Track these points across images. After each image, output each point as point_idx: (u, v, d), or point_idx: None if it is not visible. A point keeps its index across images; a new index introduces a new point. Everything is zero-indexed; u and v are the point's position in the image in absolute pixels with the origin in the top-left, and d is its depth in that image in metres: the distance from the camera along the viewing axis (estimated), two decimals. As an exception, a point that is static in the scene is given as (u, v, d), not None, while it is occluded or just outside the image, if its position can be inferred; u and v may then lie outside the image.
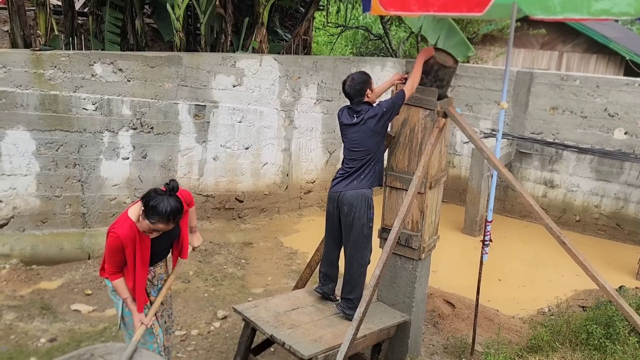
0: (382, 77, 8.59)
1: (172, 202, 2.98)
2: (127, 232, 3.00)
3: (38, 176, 5.73)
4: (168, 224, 2.99)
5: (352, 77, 3.87)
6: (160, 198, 2.96)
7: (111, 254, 3.05)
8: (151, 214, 2.94)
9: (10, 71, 5.36)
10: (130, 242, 3.02)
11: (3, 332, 4.26)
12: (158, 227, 2.99)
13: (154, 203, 2.94)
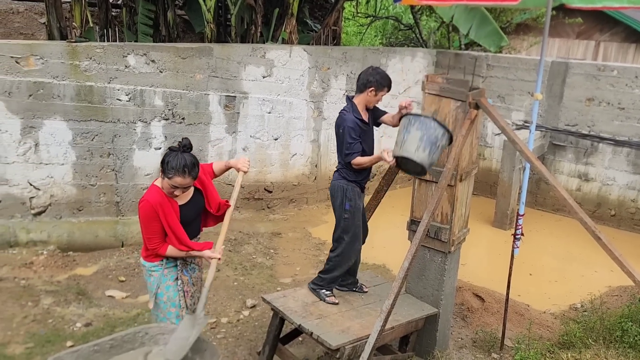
0: (412, 67, 8.51)
1: (185, 157, 3.11)
2: (155, 197, 3.13)
3: (74, 165, 5.88)
4: (184, 177, 3.08)
5: (373, 68, 3.94)
6: (174, 154, 3.11)
7: (148, 223, 3.15)
8: (167, 170, 3.08)
9: (48, 62, 5.50)
10: (161, 206, 3.13)
11: (41, 316, 4.41)
12: (176, 182, 3.08)
13: (168, 159, 3.09)
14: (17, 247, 5.51)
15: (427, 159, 3.48)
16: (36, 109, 5.55)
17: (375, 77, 3.86)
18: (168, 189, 3.14)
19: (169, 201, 3.19)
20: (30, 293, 4.73)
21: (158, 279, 3.33)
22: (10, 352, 3.90)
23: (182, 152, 3.14)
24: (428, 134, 3.46)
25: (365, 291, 4.19)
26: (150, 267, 3.33)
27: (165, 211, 3.16)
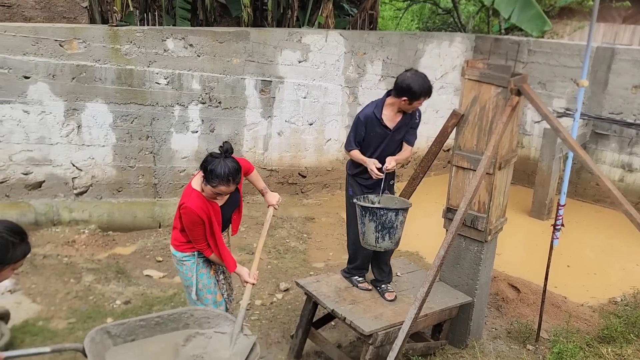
0: (450, 53, 8.34)
1: (229, 164, 3.06)
2: (198, 203, 3.12)
3: (114, 147, 6.03)
4: (229, 185, 3.07)
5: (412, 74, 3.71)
6: (217, 161, 3.05)
7: (193, 228, 3.17)
8: (211, 178, 3.03)
9: (90, 46, 5.62)
10: (204, 212, 3.14)
11: (83, 293, 4.57)
12: (220, 190, 3.07)
13: (212, 167, 3.03)
14: (60, 225, 5.70)
15: (391, 244, 3.60)
16: (79, 91, 5.69)
17: (410, 86, 3.64)
18: (210, 194, 3.13)
19: (211, 204, 3.18)
20: (73, 270, 4.90)
21: (190, 268, 3.37)
22: (54, 327, 4.06)
23: (224, 158, 3.09)
24: (381, 222, 3.49)
25: (369, 289, 4.03)
26: (182, 257, 3.38)
27: (209, 216, 3.17)
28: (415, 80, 3.64)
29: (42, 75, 5.48)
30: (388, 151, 3.87)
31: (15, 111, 5.47)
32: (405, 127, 3.89)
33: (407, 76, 3.69)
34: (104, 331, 2.83)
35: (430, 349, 4.06)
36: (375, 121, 3.80)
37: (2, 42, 5.24)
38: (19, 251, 2.23)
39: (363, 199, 3.75)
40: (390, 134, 3.84)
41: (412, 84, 3.63)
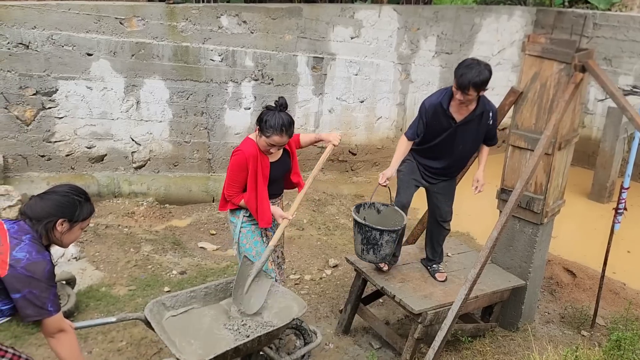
0: (508, 27, 8.03)
1: (282, 116, 3.22)
2: (250, 150, 3.27)
3: (170, 122, 6.21)
4: (282, 136, 3.20)
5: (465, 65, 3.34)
6: (272, 113, 3.21)
7: (235, 172, 3.30)
8: (265, 128, 3.18)
9: (148, 23, 5.77)
10: (253, 159, 3.26)
11: (142, 262, 4.79)
12: (274, 140, 3.20)
13: (267, 118, 3.20)
14: (120, 197, 5.97)
15: (375, 258, 3.53)
16: (138, 68, 5.87)
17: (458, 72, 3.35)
18: (264, 146, 3.25)
19: (262, 156, 3.30)
20: (132, 240, 5.13)
21: (250, 233, 3.46)
22: (115, 293, 4.29)
23: (279, 111, 3.23)
24: (366, 237, 3.45)
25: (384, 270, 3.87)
26: (234, 219, 3.47)
27: (257, 165, 3.28)
28: (464, 67, 3.31)
29: (104, 52, 5.68)
30: (446, 147, 3.62)
31: (80, 87, 5.72)
32: (474, 126, 3.54)
33: (461, 62, 3.40)
34: (160, 303, 2.99)
35: (479, 330, 4.02)
36: (441, 110, 3.51)
37: (66, 19, 5.46)
38: (85, 210, 2.36)
39: (364, 207, 3.68)
40: (454, 127, 3.53)
41: (460, 69, 3.32)
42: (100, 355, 3.52)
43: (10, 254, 2.15)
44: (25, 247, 2.18)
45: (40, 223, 2.25)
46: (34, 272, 2.15)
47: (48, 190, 2.35)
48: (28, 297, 2.15)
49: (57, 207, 2.27)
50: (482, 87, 3.32)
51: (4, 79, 5.40)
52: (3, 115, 5.51)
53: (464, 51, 7.73)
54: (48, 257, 2.23)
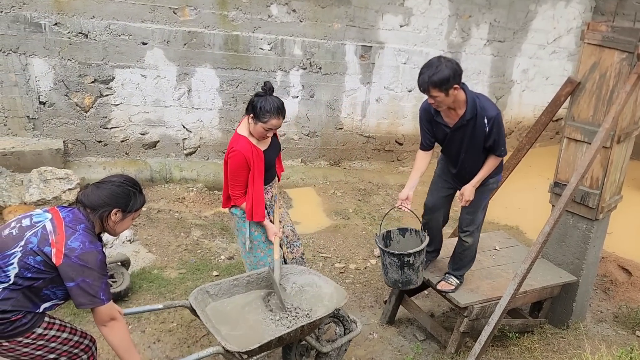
0: (566, 14, 7.72)
1: (275, 99, 3.22)
2: (245, 146, 3.25)
3: (220, 110, 6.33)
4: (279, 118, 3.22)
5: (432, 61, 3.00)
6: (263, 98, 3.20)
7: (237, 173, 3.27)
8: (262, 114, 3.17)
9: (200, 13, 5.87)
10: (250, 155, 3.25)
11: (192, 247, 4.93)
12: (272, 124, 3.20)
13: (261, 104, 3.18)
14: (171, 183, 6.15)
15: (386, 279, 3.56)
16: (190, 57, 6.00)
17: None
18: (262, 132, 3.23)
19: (255, 150, 3.29)
20: (183, 225, 5.29)
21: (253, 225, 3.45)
22: (167, 276, 4.44)
23: (269, 95, 3.23)
24: (389, 261, 3.46)
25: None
26: (240, 213, 3.44)
27: (255, 160, 3.27)
28: (423, 67, 2.98)
29: (158, 41, 5.84)
30: (450, 153, 3.36)
31: (135, 75, 5.90)
32: (468, 133, 3.16)
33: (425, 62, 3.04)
34: (204, 291, 3.08)
35: (527, 326, 3.94)
36: (431, 115, 3.25)
37: (123, 9, 5.63)
38: (139, 201, 2.44)
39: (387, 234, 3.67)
40: (449, 133, 3.22)
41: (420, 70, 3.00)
42: (153, 335, 3.67)
43: (65, 243, 2.23)
44: (79, 237, 2.26)
45: (96, 212, 2.33)
46: (88, 261, 2.23)
47: (104, 180, 2.41)
48: (81, 285, 2.23)
49: (112, 197, 2.35)
50: (443, 86, 2.91)
51: (64, 67, 5.65)
52: (64, 102, 5.76)
53: (518, 39, 7.50)
54: (100, 247, 2.32)
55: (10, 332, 2.24)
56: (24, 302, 2.25)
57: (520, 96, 7.94)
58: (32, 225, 2.28)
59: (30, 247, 2.22)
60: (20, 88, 5.59)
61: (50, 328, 2.38)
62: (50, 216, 2.32)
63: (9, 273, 2.21)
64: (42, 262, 2.22)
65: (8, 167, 5.44)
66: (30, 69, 5.56)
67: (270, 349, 2.84)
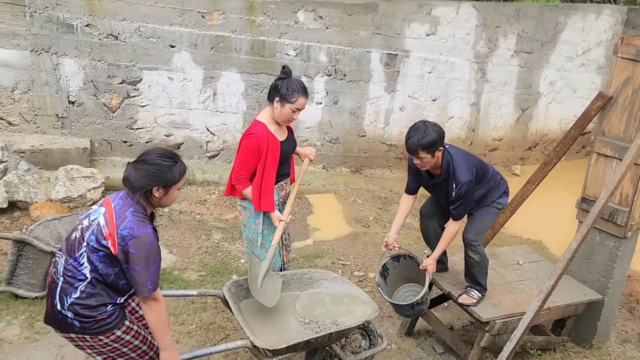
0: (596, 27, 7.60)
1: (297, 79, 3.29)
2: (261, 132, 3.25)
3: (244, 114, 6.36)
4: (306, 97, 3.28)
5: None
6: (287, 80, 3.24)
7: (247, 156, 3.25)
8: (289, 95, 3.21)
9: (228, 17, 5.93)
10: (264, 142, 3.24)
11: (212, 249, 4.96)
12: (300, 103, 3.25)
13: (286, 85, 3.21)
14: (194, 185, 6.20)
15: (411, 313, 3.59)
16: (216, 60, 6.06)
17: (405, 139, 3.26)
18: (289, 114, 3.26)
19: (272, 138, 3.29)
20: (204, 227, 5.32)
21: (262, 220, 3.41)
22: (187, 277, 4.47)
23: (289, 77, 3.26)
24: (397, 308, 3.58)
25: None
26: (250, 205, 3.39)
27: (269, 147, 3.26)
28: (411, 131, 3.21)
29: (186, 44, 5.90)
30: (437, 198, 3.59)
31: (162, 77, 5.98)
32: (444, 190, 3.37)
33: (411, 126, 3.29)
34: (238, 284, 3.11)
35: (550, 344, 3.87)
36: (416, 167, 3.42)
37: (153, 12, 5.72)
38: (176, 172, 2.43)
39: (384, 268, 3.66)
40: (431, 185, 3.49)
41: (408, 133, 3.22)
42: (172, 337, 3.68)
43: (116, 232, 2.31)
44: (128, 223, 2.32)
45: (139, 192, 2.39)
46: (138, 247, 2.29)
47: (139, 158, 2.44)
48: (132, 272, 2.32)
49: (149, 177, 2.37)
50: (430, 149, 3.14)
51: (94, 68, 5.75)
52: (92, 102, 5.86)
53: (546, 51, 7.41)
54: (150, 229, 2.37)
55: (95, 330, 2.38)
56: (106, 296, 2.38)
57: (547, 109, 7.83)
58: (90, 225, 2.39)
59: (92, 245, 2.34)
60: (50, 87, 5.70)
61: (127, 333, 2.48)
62: (104, 210, 2.40)
63: (85, 272, 2.35)
64: (105, 255, 2.33)
65: (36, 164, 5.54)
66: (61, 69, 5.67)
67: (297, 351, 2.85)
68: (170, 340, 2.48)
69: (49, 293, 2.43)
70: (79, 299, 2.34)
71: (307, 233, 5.57)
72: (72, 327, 2.37)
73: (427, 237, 3.78)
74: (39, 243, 3.70)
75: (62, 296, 2.36)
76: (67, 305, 2.35)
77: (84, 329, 2.37)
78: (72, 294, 2.35)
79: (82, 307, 2.34)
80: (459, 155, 3.34)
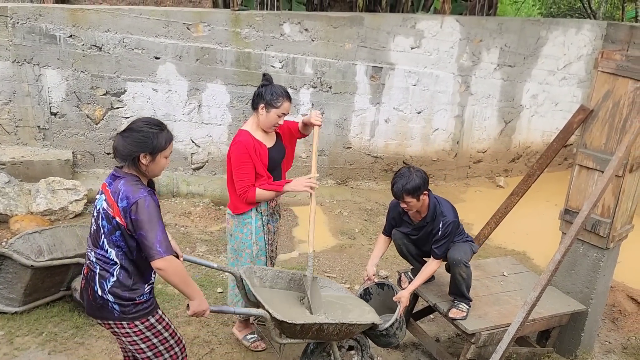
0: (576, 41, 7.74)
1: (279, 85, 3.37)
2: (246, 138, 3.29)
3: (229, 126, 6.35)
4: (290, 101, 3.33)
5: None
6: (270, 86, 3.30)
7: (240, 164, 3.26)
8: (274, 100, 3.26)
9: (213, 29, 5.93)
10: (253, 148, 3.27)
11: (196, 261, 4.90)
12: (285, 108, 3.29)
13: (270, 92, 3.27)
14: (178, 197, 6.15)
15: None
16: (201, 72, 6.04)
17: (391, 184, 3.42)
18: (275, 120, 3.29)
19: (259, 143, 3.31)
20: (188, 240, 5.27)
21: (251, 231, 3.43)
22: (171, 291, 4.41)
23: (272, 84, 3.32)
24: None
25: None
26: (245, 217, 3.41)
27: (257, 152, 3.28)
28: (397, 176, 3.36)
29: (171, 56, 5.89)
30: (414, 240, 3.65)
31: (146, 89, 5.94)
32: (426, 231, 3.52)
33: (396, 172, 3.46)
34: (252, 270, 3.15)
35: (535, 355, 3.88)
36: (399, 212, 3.58)
37: (137, 24, 5.70)
38: (162, 139, 2.49)
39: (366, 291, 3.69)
40: (411, 229, 3.60)
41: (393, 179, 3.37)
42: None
43: (118, 208, 2.39)
44: (122, 194, 2.40)
45: (127, 161, 2.46)
46: (137, 212, 2.36)
47: (127, 127, 2.51)
48: (141, 239, 2.38)
49: (136, 144, 2.44)
50: (415, 193, 3.30)
51: (77, 79, 5.69)
52: (75, 114, 5.80)
53: (528, 64, 7.52)
54: (144, 192, 2.42)
55: (133, 314, 2.50)
56: (139, 275, 2.50)
57: (529, 121, 7.94)
58: (98, 213, 2.50)
59: (107, 228, 2.45)
60: (32, 98, 5.63)
61: (159, 322, 2.59)
62: (104, 196, 2.49)
63: (112, 257, 2.47)
64: (121, 234, 2.43)
65: (17, 177, 5.46)
66: (43, 80, 5.61)
67: (308, 335, 2.92)
68: (197, 289, 2.56)
69: (88, 282, 2.55)
70: (117, 281, 2.47)
71: (292, 245, 5.54)
72: (112, 313, 2.49)
73: (404, 254, 3.81)
74: (19, 257, 3.63)
75: (101, 282, 2.48)
76: (107, 289, 2.47)
77: (123, 314, 2.48)
78: (109, 279, 2.47)
79: (121, 288, 2.46)
80: (443, 199, 3.56)
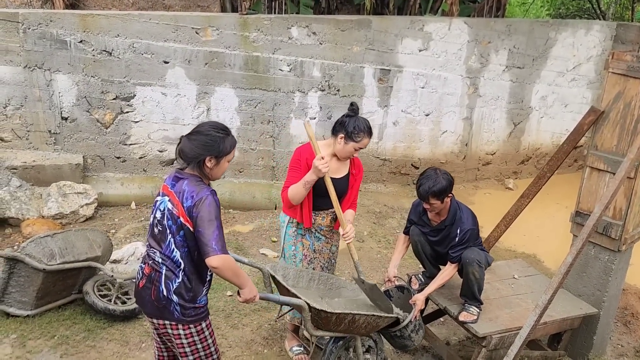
0: (586, 42, 7.70)
1: (364, 119, 3.35)
2: (306, 147, 3.35)
3: (238, 130, 6.36)
4: (370, 137, 3.34)
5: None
6: (355, 118, 3.30)
7: (291, 166, 3.40)
8: (355, 134, 3.26)
9: (222, 33, 5.96)
10: (304, 158, 3.31)
11: (206, 264, 4.91)
12: (364, 144, 3.31)
13: (353, 124, 3.27)
14: (187, 200, 6.17)
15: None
16: (210, 76, 6.07)
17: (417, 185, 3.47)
18: (350, 152, 3.32)
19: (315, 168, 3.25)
20: (198, 243, 5.28)
21: (283, 235, 3.56)
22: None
23: (357, 115, 3.33)
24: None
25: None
26: (281, 219, 3.57)
27: (308, 164, 3.28)
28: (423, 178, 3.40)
29: (180, 60, 5.92)
30: (433, 245, 3.66)
31: (155, 93, 5.98)
32: (443, 234, 3.55)
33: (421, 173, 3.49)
34: (276, 269, 3.22)
35: (547, 358, 3.85)
36: (420, 212, 3.64)
37: (147, 29, 5.73)
38: (228, 144, 2.57)
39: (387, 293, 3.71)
40: (429, 230, 3.62)
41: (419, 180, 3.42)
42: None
43: (183, 208, 2.45)
44: (187, 194, 2.46)
45: (192, 163, 2.54)
46: (200, 210, 2.41)
47: (193, 131, 2.58)
48: (199, 236, 2.43)
49: (203, 147, 2.51)
50: (441, 196, 3.34)
51: (87, 84, 5.74)
52: (85, 118, 5.84)
53: (537, 66, 7.49)
54: (207, 191, 2.48)
55: (191, 318, 2.55)
56: (198, 275, 2.55)
57: (539, 123, 7.90)
58: (163, 215, 2.54)
59: (173, 228, 2.49)
60: (43, 103, 5.68)
61: (208, 328, 2.66)
62: (168, 197, 2.54)
63: (177, 258, 2.51)
64: (184, 234, 2.48)
65: (28, 181, 5.50)
66: (54, 85, 5.66)
67: (341, 326, 2.99)
68: (247, 278, 2.58)
69: (151, 282, 2.56)
70: (182, 282, 2.51)
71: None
72: (172, 314, 2.53)
73: (418, 253, 3.80)
74: (31, 260, 3.66)
75: (167, 282, 2.52)
76: (173, 290, 2.51)
77: (183, 316, 2.53)
78: (175, 280, 2.51)
79: (185, 289, 2.51)
80: (465, 206, 3.57)
